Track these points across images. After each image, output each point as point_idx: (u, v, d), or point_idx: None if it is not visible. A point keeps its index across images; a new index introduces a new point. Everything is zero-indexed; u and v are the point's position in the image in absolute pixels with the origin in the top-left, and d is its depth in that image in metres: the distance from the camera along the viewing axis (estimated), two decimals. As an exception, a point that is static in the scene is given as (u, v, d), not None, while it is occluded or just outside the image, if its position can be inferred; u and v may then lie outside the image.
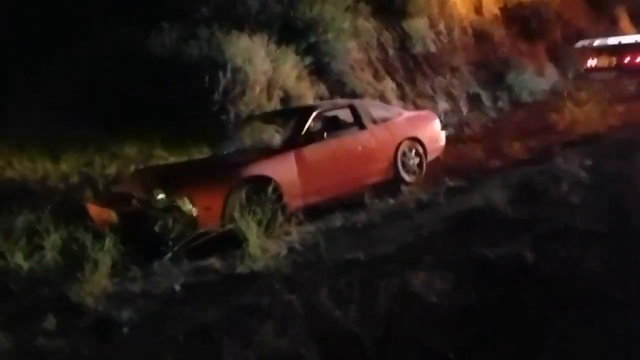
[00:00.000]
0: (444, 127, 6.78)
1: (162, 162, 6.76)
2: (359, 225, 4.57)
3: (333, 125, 5.44)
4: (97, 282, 3.39)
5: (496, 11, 13.82)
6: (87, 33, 7.17)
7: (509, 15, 13.99)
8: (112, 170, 6.47)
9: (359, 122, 5.64)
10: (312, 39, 8.23)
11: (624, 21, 18.03)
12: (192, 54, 7.06)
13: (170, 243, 4.01)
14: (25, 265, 3.60)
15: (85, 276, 3.42)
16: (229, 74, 6.84)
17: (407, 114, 6.35)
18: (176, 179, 4.52)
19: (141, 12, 7.75)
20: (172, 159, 6.89)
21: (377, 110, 5.99)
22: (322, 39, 8.34)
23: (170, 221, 4.22)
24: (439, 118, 6.69)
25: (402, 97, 9.73)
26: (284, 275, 3.43)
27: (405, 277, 2.89)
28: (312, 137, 5.09)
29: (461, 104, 10.66)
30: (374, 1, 10.12)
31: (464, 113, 10.38)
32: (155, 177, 4.81)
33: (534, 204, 4.03)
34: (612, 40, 10.84)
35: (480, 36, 12.80)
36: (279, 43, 7.67)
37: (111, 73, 7.01)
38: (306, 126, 5.18)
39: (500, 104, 11.28)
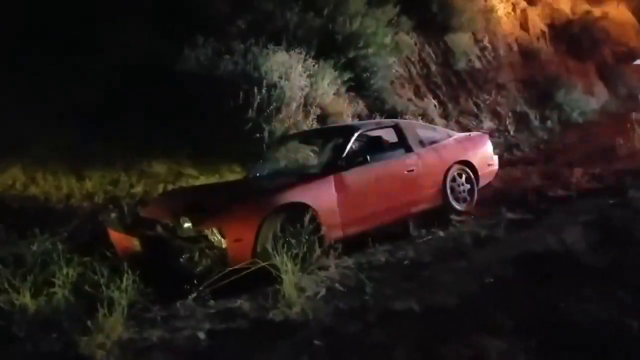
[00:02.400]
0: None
1: (191, 181, 6.40)
2: (406, 263, 4.03)
3: (376, 148, 4.94)
4: (111, 328, 2.95)
5: (543, 28, 13.20)
6: (119, 44, 6.89)
7: (556, 32, 13.35)
8: (139, 189, 6.12)
9: (404, 144, 5.12)
10: (352, 54, 7.80)
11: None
12: (227, 69, 6.71)
13: (195, 281, 3.54)
14: (33, 305, 3.19)
15: (98, 321, 2.98)
16: (264, 90, 6.45)
17: (457, 135, 5.80)
18: (204, 206, 4.07)
19: (175, 25, 7.47)
20: (202, 178, 6.52)
21: (424, 131, 5.47)
22: (362, 53, 7.91)
23: (196, 254, 3.77)
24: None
25: (445, 116, 9.18)
26: (323, 328, 2.92)
27: (477, 344, 2.34)
28: (354, 161, 4.59)
29: (508, 123, 10.04)
30: (415, 15, 9.64)
31: (511, 133, 9.76)
32: (183, 202, 4.38)
33: (620, 247, 3.42)
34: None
35: (527, 53, 12.21)
36: (316, 58, 7.26)
37: (142, 87, 6.70)
38: (347, 148, 4.69)
39: (549, 123, 10.62)
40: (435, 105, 9.07)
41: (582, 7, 13.55)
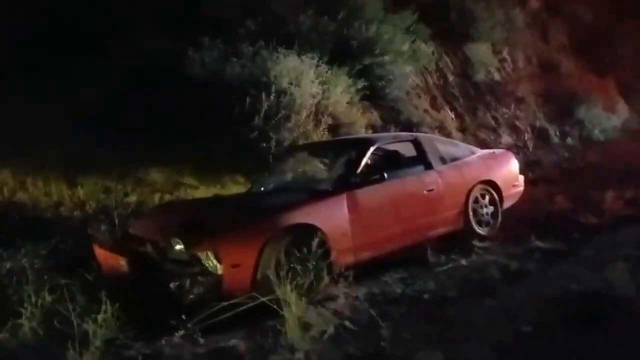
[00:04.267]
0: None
1: (190, 191, 5.96)
2: (426, 297, 3.55)
3: (394, 163, 4.46)
4: (82, 371, 2.50)
5: (564, 40, 12.70)
6: (118, 44, 6.49)
7: (577, 45, 12.86)
8: (133, 199, 5.68)
9: (424, 161, 4.66)
10: (367, 61, 7.35)
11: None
12: (233, 73, 6.28)
13: (184, 313, 3.08)
14: (-5, 336, 2.75)
15: (69, 360, 2.53)
16: (272, 96, 6.00)
17: (481, 152, 5.33)
18: (199, 224, 3.61)
19: (179, 25, 7.06)
20: (202, 189, 6.08)
21: (445, 146, 5.01)
22: (378, 61, 7.45)
23: (187, 281, 3.32)
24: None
25: (462, 129, 8.71)
26: (332, 384, 2.45)
27: None
28: (370, 177, 4.13)
29: (527, 138, 9.54)
30: (433, 23, 9.18)
31: (530, 149, 9.26)
32: (176, 219, 3.92)
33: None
34: None
35: (546, 66, 11.74)
36: (329, 64, 6.82)
37: (142, 90, 6.28)
38: (362, 163, 4.23)
39: (569, 140, 10.12)
40: (452, 118, 8.59)
41: (604, 20, 13.05)
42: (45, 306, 2.93)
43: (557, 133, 10.04)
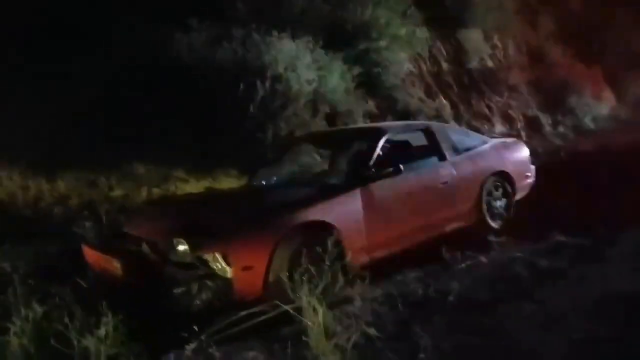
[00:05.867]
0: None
1: (180, 185, 5.57)
2: (452, 300, 3.26)
3: (407, 155, 4.16)
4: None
5: (552, 28, 12.56)
6: (101, 29, 6.01)
7: (566, 34, 12.75)
8: (118, 192, 5.28)
9: (437, 151, 4.38)
10: (362, 46, 7.02)
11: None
12: (225, 57, 5.87)
13: (193, 323, 2.73)
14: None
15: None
16: (267, 83, 5.63)
17: (493, 142, 5.06)
18: (205, 223, 3.26)
19: (165, 8, 6.59)
20: (193, 182, 5.69)
21: (458, 135, 4.73)
22: (374, 46, 7.13)
23: (194, 286, 2.97)
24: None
25: (457, 118, 8.47)
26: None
27: None
28: (384, 170, 3.82)
29: (519, 127, 9.38)
30: (427, 8, 8.87)
31: (524, 138, 9.08)
32: (177, 217, 3.57)
33: None
34: None
35: (537, 54, 11.59)
36: (325, 49, 6.46)
37: (126, 77, 5.85)
38: (374, 155, 3.92)
39: (561, 129, 10.00)
40: (448, 106, 8.35)
41: (592, 9, 12.97)
42: (36, 319, 2.55)
43: (550, 122, 9.90)
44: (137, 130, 5.68)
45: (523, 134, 9.20)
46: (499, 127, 9.10)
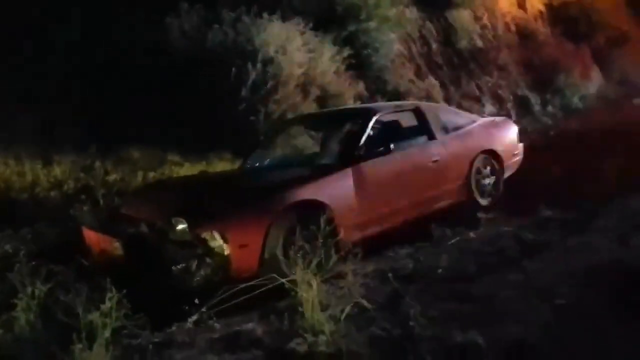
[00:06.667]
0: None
1: (175, 169, 5.65)
2: (441, 272, 3.40)
3: (397, 134, 4.24)
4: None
5: (540, 8, 12.62)
6: (93, 15, 6.02)
7: (553, 13, 12.81)
8: (114, 177, 5.35)
9: (427, 131, 4.49)
10: (352, 27, 7.07)
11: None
12: (215, 40, 5.91)
13: (194, 298, 2.85)
14: (-13, 333, 2.47)
15: (75, 356, 2.29)
16: (259, 66, 5.69)
17: (482, 120, 5.18)
18: (204, 203, 3.37)
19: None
20: (187, 166, 5.77)
21: (447, 115, 4.84)
22: (363, 27, 7.18)
23: (193, 263, 3.08)
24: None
25: (447, 98, 8.56)
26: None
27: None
28: (375, 150, 3.93)
29: (509, 107, 9.49)
30: (416, -13, 8.91)
31: (513, 118, 9.21)
32: (174, 198, 3.66)
33: None
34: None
35: (524, 34, 11.67)
36: (315, 30, 6.51)
37: (119, 62, 5.87)
38: (365, 134, 4.02)
39: (550, 108, 10.13)
40: (438, 87, 8.43)
41: (581, -13, 13.04)
42: (42, 297, 2.65)
43: (539, 101, 10.03)
44: (131, 114, 5.74)
45: (513, 113, 9.31)
46: (489, 107, 9.22)
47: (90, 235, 3.64)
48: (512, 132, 5.24)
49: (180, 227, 3.19)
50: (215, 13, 6.19)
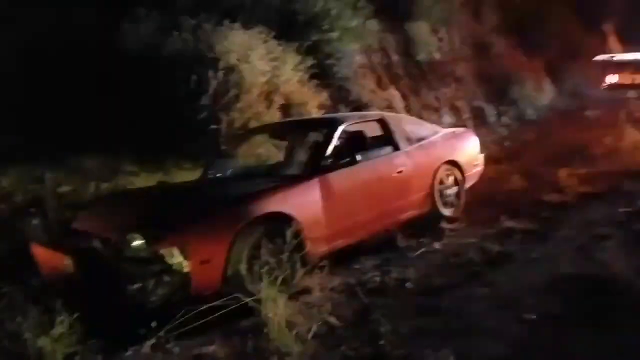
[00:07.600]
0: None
1: (130, 179, 5.42)
2: (409, 286, 3.36)
3: (362, 145, 4.18)
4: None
5: (496, 21, 12.91)
6: (41, 15, 5.74)
7: (508, 26, 13.12)
8: (66, 188, 5.08)
9: (391, 141, 4.46)
10: (315, 37, 7.02)
11: (612, 37, 17.56)
12: (174, 47, 5.73)
13: (151, 319, 2.69)
14: None
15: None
16: (220, 74, 5.55)
17: (444, 132, 5.21)
18: (160, 217, 3.21)
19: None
20: (144, 175, 5.55)
21: (410, 125, 4.84)
22: (326, 38, 7.15)
23: (151, 282, 2.92)
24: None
25: (408, 109, 8.61)
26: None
27: None
28: (341, 160, 3.86)
29: (465, 118, 9.65)
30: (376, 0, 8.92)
31: (470, 129, 9.36)
32: (130, 212, 3.48)
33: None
34: (634, 56, 10.04)
35: (481, 46, 11.89)
36: (277, 39, 6.41)
37: (70, 68, 5.59)
38: (331, 145, 3.96)
39: (505, 119, 10.37)
40: (399, 98, 8.48)
41: (533, 1, 13.41)
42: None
43: (494, 112, 10.24)
44: (84, 122, 5.48)
45: (469, 124, 9.45)
46: (447, 118, 9.33)
47: (40, 252, 3.41)
48: (473, 143, 5.29)
49: (136, 242, 3.02)
50: (174, 19, 6.00)
